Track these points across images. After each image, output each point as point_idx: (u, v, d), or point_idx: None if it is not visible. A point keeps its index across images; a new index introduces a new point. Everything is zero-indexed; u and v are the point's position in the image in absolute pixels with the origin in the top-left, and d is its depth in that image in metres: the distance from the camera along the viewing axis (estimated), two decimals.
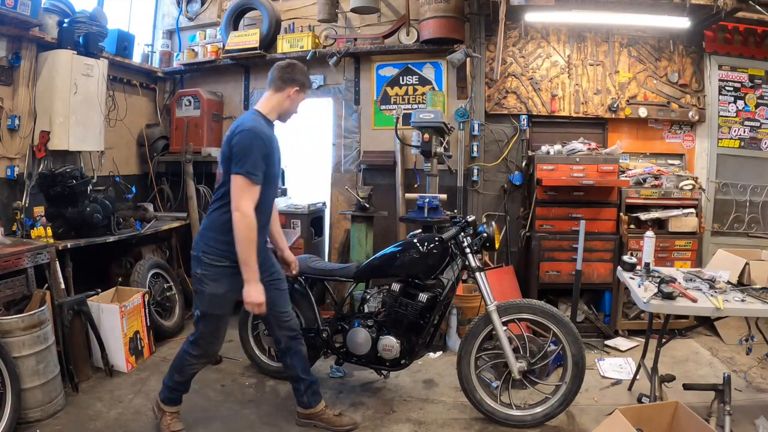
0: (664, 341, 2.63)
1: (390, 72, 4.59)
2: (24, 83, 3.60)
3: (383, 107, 4.62)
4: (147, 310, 3.52)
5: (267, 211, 2.45)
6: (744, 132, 4.28)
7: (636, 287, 2.54)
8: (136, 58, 4.80)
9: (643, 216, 3.85)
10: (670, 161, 4.32)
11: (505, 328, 2.63)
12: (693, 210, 3.81)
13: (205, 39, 4.87)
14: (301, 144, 4.98)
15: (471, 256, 2.68)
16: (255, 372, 3.32)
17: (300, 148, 4.97)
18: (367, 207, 3.89)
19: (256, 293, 2.25)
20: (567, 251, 3.82)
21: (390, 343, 2.77)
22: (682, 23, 3.84)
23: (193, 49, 4.89)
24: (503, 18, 3.68)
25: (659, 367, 2.65)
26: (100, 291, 3.37)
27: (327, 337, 2.99)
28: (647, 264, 2.80)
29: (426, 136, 3.53)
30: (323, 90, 4.77)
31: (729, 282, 2.57)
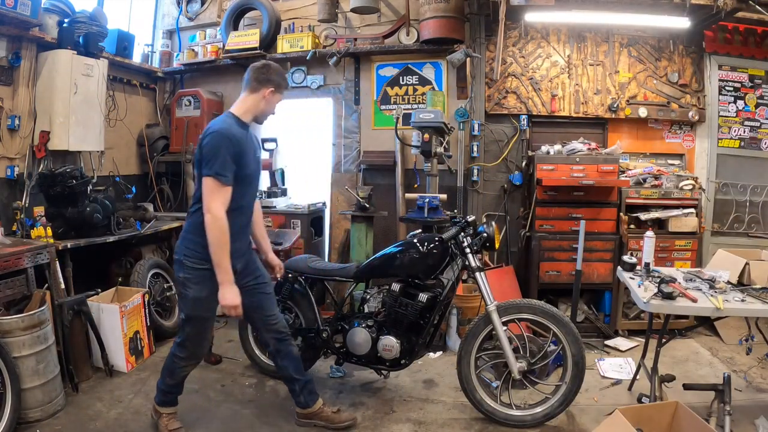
0: (664, 341, 2.63)
1: (390, 72, 4.59)
2: (24, 83, 3.60)
3: (383, 107, 4.62)
4: (147, 310, 3.52)
5: (247, 213, 2.45)
6: (744, 132, 4.28)
7: (636, 287, 2.54)
8: (136, 58, 4.81)
9: (643, 216, 3.85)
10: (670, 161, 4.32)
11: (505, 328, 2.63)
12: (693, 210, 3.81)
13: (205, 39, 4.87)
14: (301, 144, 4.98)
15: (471, 256, 2.68)
16: (255, 372, 3.32)
17: (300, 148, 4.98)
18: (367, 207, 3.89)
19: (230, 295, 2.25)
20: (567, 251, 3.82)
21: (390, 343, 2.77)
22: (682, 23, 3.84)
23: (193, 49, 4.89)
24: (503, 18, 3.68)
25: (659, 367, 2.65)
26: (100, 291, 3.37)
27: (327, 337, 2.99)
28: (647, 264, 2.80)
29: (426, 136, 3.53)
30: (323, 90, 4.77)
31: (729, 282, 2.57)
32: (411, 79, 4.54)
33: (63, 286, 3.12)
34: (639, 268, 2.83)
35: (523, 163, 4.30)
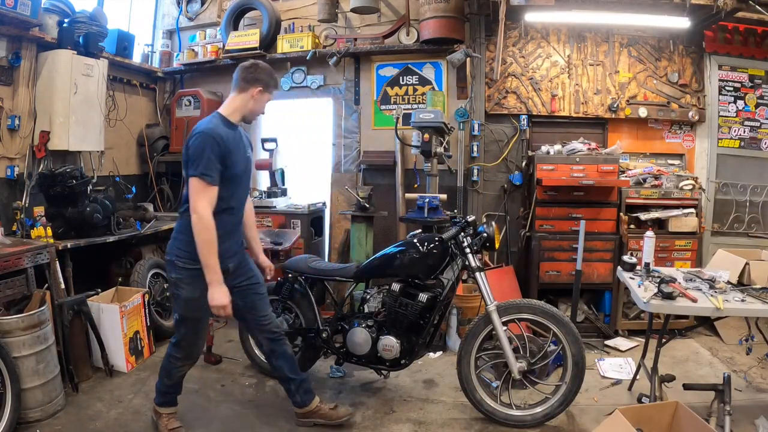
0: (664, 341, 2.62)
1: (390, 72, 4.59)
2: (24, 83, 3.60)
3: (383, 107, 4.62)
4: (147, 310, 3.52)
5: (237, 214, 2.45)
6: (744, 132, 4.28)
7: (636, 287, 2.54)
8: (136, 58, 4.81)
9: (643, 216, 3.85)
10: (670, 161, 4.32)
11: (505, 328, 2.63)
12: (693, 210, 3.81)
13: (205, 39, 4.87)
14: (301, 144, 4.98)
15: (471, 256, 2.68)
16: (255, 372, 3.32)
17: (300, 148, 4.97)
18: (367, 207, 3.89)
19: (219, 295, 2.24)
20: (567, 251, 3.82)
21: (390, 343, 2.77)
22: (682, 23, 3.84)
23: (193, 49, 4.89)
24: (503, 18, 3.68)
25: (659, 367, 2.65)
26: (100, 291, 3.37)
27: (327, 337, 2.99)
28: (647, 264, 2.80)
29: (426, 136, 3.53)
30: (323, 90, 4.77)
31: (729, 282, 2.57)
32: (411, 79, 4.54)
33: (63, 286, 3.12)
34: (639, 268, 2.83)
35: (523, 163, 4.30)
